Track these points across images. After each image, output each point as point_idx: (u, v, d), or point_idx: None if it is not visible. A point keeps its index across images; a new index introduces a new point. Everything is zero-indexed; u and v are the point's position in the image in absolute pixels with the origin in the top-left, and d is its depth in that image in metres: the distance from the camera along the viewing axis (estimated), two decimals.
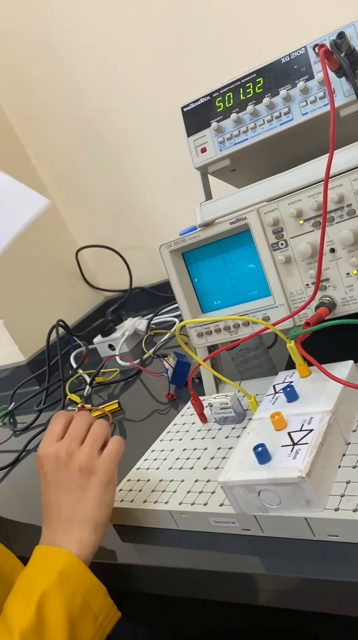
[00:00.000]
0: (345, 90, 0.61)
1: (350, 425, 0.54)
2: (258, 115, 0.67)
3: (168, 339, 1.15)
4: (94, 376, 1.10)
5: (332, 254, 0.62)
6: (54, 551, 0.52)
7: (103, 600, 0.51)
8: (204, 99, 0.70)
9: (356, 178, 0.59)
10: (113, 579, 0.59)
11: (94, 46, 1.28)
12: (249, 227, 0.66)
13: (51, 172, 1.51)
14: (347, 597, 0.44)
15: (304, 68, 0.64)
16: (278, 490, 0.48)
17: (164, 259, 0.74)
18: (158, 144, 1.30)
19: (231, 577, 0.51)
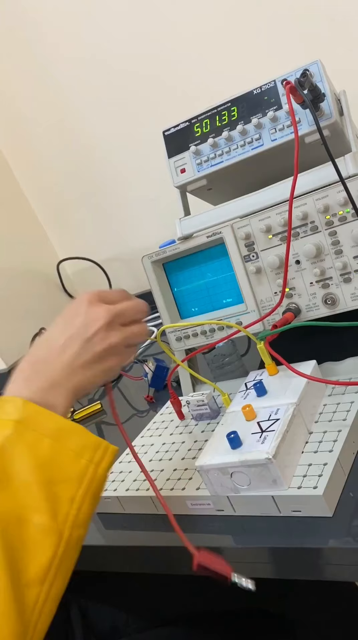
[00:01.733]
0: (309, 120, 0.69)
1: (312, 417, 0.61)
2: (232, 141, 0.74)
3: (148, 346, 1.21)
4: None
5: (297, 265, 0.69)
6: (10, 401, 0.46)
7: (81, 437, 0.46)
8: (184, 124, 0.77)
9: (318, 198, 0.67)
10: (96, 561, 0.64)
11: (79, 64, 1.35)
12: (224, 240, 0.73)
13: (33, 185, 1.56)
14: (309, 562, 0.50)
15: (273, 99, 0.71)
16: (248, 472, 0.54)
17: (146, 269, 0.80)
18: (139, 161, 1.36)
19: None
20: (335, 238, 0.66)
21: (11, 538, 0.40)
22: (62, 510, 0.43)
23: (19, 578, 0.40)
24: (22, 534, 0.41)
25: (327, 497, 0.51)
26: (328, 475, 0.52)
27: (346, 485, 0.54)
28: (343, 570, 0.49)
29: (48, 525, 0.42)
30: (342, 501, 0.52)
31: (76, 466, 0.45)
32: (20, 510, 0.42)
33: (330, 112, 0.68)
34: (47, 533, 0.42)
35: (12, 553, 0.40)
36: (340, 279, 0.67)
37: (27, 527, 0.41)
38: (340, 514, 0.51)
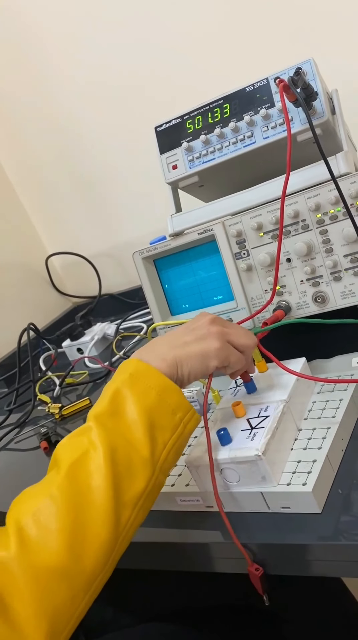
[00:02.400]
0: (301, 118, 0.69)
1: (301, 414, 0.62)
2: (224, 138, 0.74)
3: (138, 342, 1.21)
4: (65, 377, 1.15)
5: (288, 263, 0.70)
6: (129, 361, 0.56)
7: (179, 397, 0.53)
8: (176, 121, 0.77)
9: (310, 196, 0.67)
10: None
11: (70, 58, 1.34)
12: (215, 237, 0.73)
13: (22, 179, 1.55)
14: (297, 558, 0.51)
15: (266, 97, 0.71)
16: (238, 468, 0.54)
17: (137, 265, 0.80)
18: (131, 157, 1.36)
19: (194, 547, 0.56)
20: (326, 237, 0.67)
21: (120, 461, 0.48)
22: (157, 451, 0.50)
23: (120, 496, 0.47)
24: (128, 460, 0.49)
25: (316, 493, 0.51)
26: (317, 472, 0.52)
27: (334, 482, 0.54)
28: (331, 566, 0.49)
29: (147, 458, 0.49)
30: (330, 498, 0.52)
31: (171, 419, 0.52)
32: (129, 440, 0.49)
33: (322, 111, 0.68)
34: (146, 465, 0.49)
35: (119, 473, 0.47)
36: (330, 277, 0.68)
37: (132, 456, 0.49)
38: (329, 511, 0.51)
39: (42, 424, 1.04)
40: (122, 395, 0.51)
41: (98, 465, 0.47)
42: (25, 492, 0.50)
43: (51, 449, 0.93)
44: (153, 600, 0.77)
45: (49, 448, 0.93)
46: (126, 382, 0.52)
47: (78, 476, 0.47)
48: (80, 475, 0.47)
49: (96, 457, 0.47)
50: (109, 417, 0.50)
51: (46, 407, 1.08)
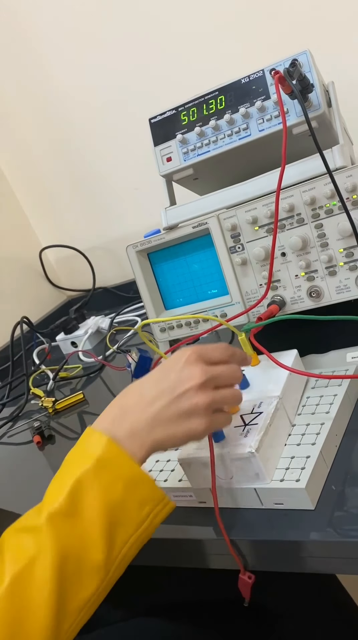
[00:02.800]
0: (297, 110, 0.69)
1: (295, 409, 0.61)
2: (219, 130, 0.73)
3: (132, 336, 1.20)
4: (58, 371, 1.14)
5: (283, 258, 0.69)
6: (96, 436, 0.49)
7: (150, 491, 0.48)
8: (171, 112, 0.76)
9: (305, 190, 0.66)
10: None
11: (63, 50, 1.32)
12: (210, 231, 0.73)
13: (16, 171, 1.53)
14: (290, 554, 0.50)
15: (261, 89, 0.71)
16: (231, 465, 0.54)
17: (130, 259, 0.79)
18: (125, 149, 1.35)
19: (187, 543, 0.56)
20: (321, 231, 0.66)
21: (69, 569, 0.44)
22: (115, 551, 0.46)
23: (64, 607, 0.43)
24: (79, 567, 0.44)
25: (310, 490, 0.51)
26: (310, 468, 0.52)
27: (328, 478, 0.54)
28: (324, 563, 0.49)
29: (101, 563, 0.45)
30: (324, 494, 0.52)
31: (138, 514, 0.47)
32: (82, 545, 0.45)
33: (318, 103, 0.68)
34: (98, 570, 0.45)
35: (65, 582, 0.44)
36: (325, 271, 0.67)
37: (84, 562, 0.45)
38: (322, 507, 0.51)
39: (35, 418, 1.04)
40: (84, 489, 0.46)
41: (43, 579, 0.43)
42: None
43: (44, 444, 0.93)
44: (145, 595, 0.77)
45: (41, 442, 0.93)
46: (90, 472, 0.46)
47: (21, 591, 0.43)
48: (23, 591, 0.43)
49: (43, 568, 0.43)
50: (65, 518, 0.45)
51: (39, 401, 1.07)
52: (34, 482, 0.83)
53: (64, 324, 1.31)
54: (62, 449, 0.89)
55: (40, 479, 0.83)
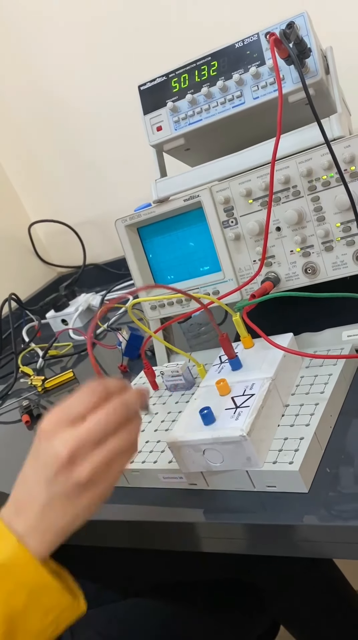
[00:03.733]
0: (293, 77, 0.65)
1: (288, 389, 0.59)
2: (212, 98, 0.69)
3: (122, 314, 1.18)
4: (48, 348, 1.12)
5: (278, 232, 0.66)
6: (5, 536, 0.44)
7: (57, 596, 0.44)
8: (161, 79, 0.73)
9: (302, 161, 0.63)
10: None
11: (50, 21, 1.27)
12: (202, 204, 0.70)
13: (3, 144, 1.49)
14: (283, 538, 0.49)
15: (256, 54, 0.67)
16: (222, 449, 0.52)
17: (119, 234, 0.76)
18: (113, 121, 1.30)
19: (178, 526, 0.55)
20: (318, 204, 0.63)
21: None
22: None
23: None
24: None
25: (303, 472, 0.49)
26: (304, 450, 0.50)
27: (322, 460, 0.52)
28: (317, 547, 0.48)
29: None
30: (318, 477, 0.51)
31: (40, 623, 0.44)
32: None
33: (315, 69, 0.64)
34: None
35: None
36: (321, 247, 0.65)
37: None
38: (316, 490, 0.49)
39: (25, 397, 1.02)
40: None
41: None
42: None
43: (32, 423, 0.91)
44: (135, 575, 0.76)
45: (30, 422, 0.91)
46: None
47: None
48: None
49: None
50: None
51: (29, 379, 1.05)
52: (22, 462, 0.81)
53: (54, 301, 1.29)
54: None
55: None
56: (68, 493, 0.43)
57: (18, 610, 0.42)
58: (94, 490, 0.44)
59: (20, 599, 0.42)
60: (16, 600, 0.42)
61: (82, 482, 0.43)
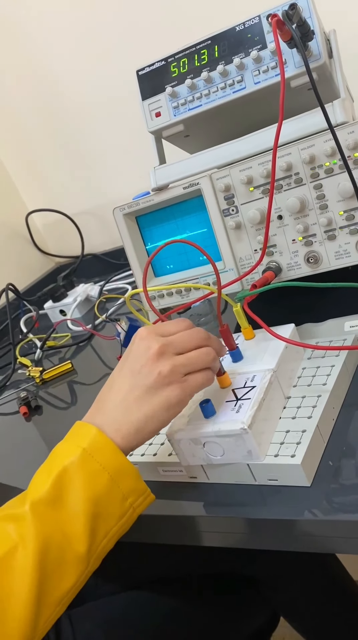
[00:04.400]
0: (296, 61, 0.64)
1: (290, 381, 0.58)
2: (212, 82, 0.68)
3: (121, 304, 1.16)
4: (46, 339, 1.11)
5: (280, 221, 0.65)
6: (85, 427, 0.49)
7: (134, 482, 0.48)
8: (160, 64, 0.71)
9: (304, 147, 0.62)
10: None
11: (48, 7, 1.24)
12: (201, 192, 0.68)
13: (1, 134, 1.47)
14: (285, 533, 0.48)
15: (257, 37, 0.65)
16: (222, 442, 0.51)
17: (117, 223, 0.75)
18: (112, 109, 1.28)
19: (177, 520, 0.54)
20: (321, 192, 0.62)
21: (51, 560, 0.43)
22: (96, 544, 0.45)
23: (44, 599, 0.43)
24: (61, 557, 0.44)
25: (305, 466, 0.48)
26: (306, 443, 0.49)
27: (325, 453, 0.51)
28: (320, 542, 0.47)
29: (83, 554, 0.44)
30: (320, 470, 0.50)
31: (120, 506, 0.47)
32: (64, 536, 0.44)
33: (318, 53, 0.63)
34: (79, 561, 0.44)
35: (47, 574, 0.43)
36: (324, 236, 0.63)
37: (66, 552, 0.44)
38: (319, 484, 0.48)
39: (22, 388, 1.01)
40: (69, 478, 0.46)
41: (24, 568, 0.42)
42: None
43: (30, 414, 0.90)
44: (133, 568, 0.76)
45: (28, 413, 0.90)
46: (76, 462, 0.46)
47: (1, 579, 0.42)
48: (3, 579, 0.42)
49: (24, 556, 0.42)
50: (49, 507, 0.45)
51: (27, 370, 1.04)
52: (20, 454, 0.81)
53: (52, 292, 1.27)
54: (49, 420, 0.87)
55: (27, 451, 0.80)
56: (148, 385, 0.49)
57: (102, 492, 0.46)
58: (169, 391, 0.48)
59: (102, 481, 0.46)
60: (100, 483, 0.46)
61: (163, 375, 0.48)
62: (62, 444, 0.49)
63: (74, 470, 0.46)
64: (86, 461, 0.46)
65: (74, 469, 0.46)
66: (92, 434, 0.48)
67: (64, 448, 0.48)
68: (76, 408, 0.87)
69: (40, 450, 0.79)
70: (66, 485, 0.45)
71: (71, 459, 0.46)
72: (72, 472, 0.46)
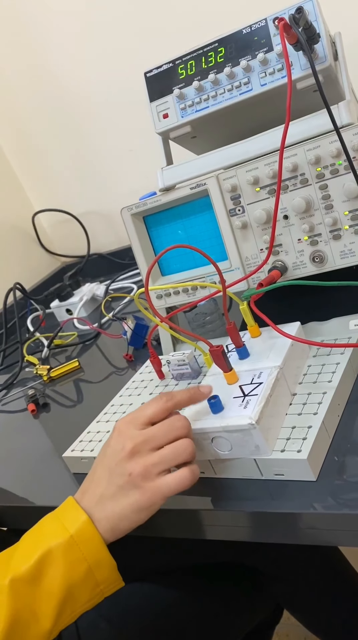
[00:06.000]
0: (302, 63, 0.64)
1: (296, 378, 0.59)
2: (219, 84, 0.69)
3: (127, 303, 1.17)
4: (53, 338, 1.12)
5: (285, 221, 0.66)
6: (76, 510, 0.50)
7: (110, 572, 0.49)
8: (167, 66, 0.72)
9: (310, 148, 0.63)
10: None
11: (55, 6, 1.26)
12: (208, 192, 0.69)
13: (8, 133, 1.48)
14: (291, 526, 0.49)
15: (264, 40, 0.66)
16: (230, 437, 0.52)
17: (125, 222, 0.76)
18: (119, 109, 1.29)
19: (185, 514, 0.55)
20: (326, 192, 0.63)
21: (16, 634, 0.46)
22: (60, 622, 0.48)
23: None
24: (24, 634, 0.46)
25: (311, 461, 0.49)
26: (312, 438, 0.50)
27: (330, 448, 0.52)
28: (325, 535, 0.48)
29: (47, 631, 0.47)
30: (326, 465, 0.51)
31: (91, 592, 0.49)
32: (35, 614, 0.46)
33: (324, 55, 0.63)
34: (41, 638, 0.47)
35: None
36: (329, 235, 0.64)
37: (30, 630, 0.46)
38: (324, 478, 0.49)
39: (30, 386, 1.02)
40: (51, 560, 0.47)
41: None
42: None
43: (38, 412, 0.91)
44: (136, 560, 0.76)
45: (36, 410, 0.91)
46: (61, 547, 0.47)
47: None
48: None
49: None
50: (27, 584, 0.46)
51: (34, 368, 1.05)
52: (28, 450, 0.82)
53: (59, 291, 1.29)
54: (57, 417, 0.88)
55: (35, 447, 0.81)
56: (120, 485, 0.49)
57: (77, 580, 0.47)
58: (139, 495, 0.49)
59: (81, 569, 0.47)
60: (78, 571, 0.47)
61: (134, 477, 0.48)
62: (52, 521, 0.50)
63: (58, 554, 0.47)
64: (70, 548, 0.47)
65: (58, 553, 0.47)
66: (81, 521, 0.49)
67: (54, 527, 0.49)
68: (82, 406, 0.88)
69: (48, 447, 0.80)
70: (46, 566, 0.47)
71: (58, 542, 0.48)
72: (56, 556, 0.47)
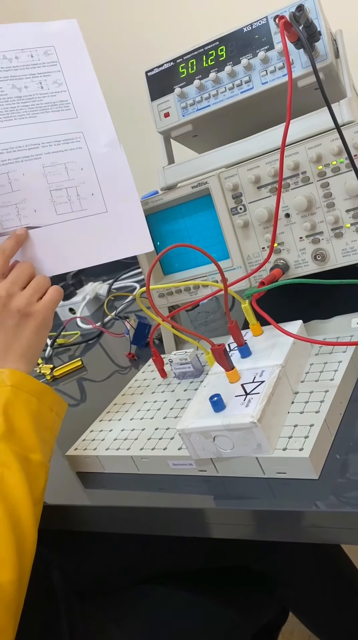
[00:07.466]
0: (303, 61, 0.64)
1: (298, 377, 0.59)
2: (220, 83, 0.69)
3: (130, 302, 1.18)
4: (56, 337, 1.12)
5: (287, 219, 0.66)
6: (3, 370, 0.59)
7: (52, 396, 0.60)
8: (168, 65, 0.72)
9: (311, 146, 0.63)
10: (74, 521, 0.63)
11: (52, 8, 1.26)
12: (210, 191, 0.69)
13: None
14: (293, 524, 0.49)
15: (265, 38, 0.66)
16: (232, 436, 0.52)
17: None
18: (120, 108, 1.29)
19: (187, 512, 0.55)
20: (327, 190, 0.63)
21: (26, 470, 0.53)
22: (46, 449, 0.57)
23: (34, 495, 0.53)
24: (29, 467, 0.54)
25: (313, 459, 0.49)
26: (314, 436, 0.50)
27: (332, 446, 0.52)
28: (327, 533, 0.48)
29: (41, 461, 0.55)
30: (328, 463, 0.51)
31: (50, 417, 0.60)
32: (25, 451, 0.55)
33: (325, 53, 0.64)
34: (42, 466, 0.55)
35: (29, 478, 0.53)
36: (331, 233, 0.64)
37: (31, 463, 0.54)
38: (326, 476, 0.49)
39: None
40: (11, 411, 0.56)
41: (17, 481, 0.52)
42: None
43: None
44: (141, 563, 0.77)
45: None
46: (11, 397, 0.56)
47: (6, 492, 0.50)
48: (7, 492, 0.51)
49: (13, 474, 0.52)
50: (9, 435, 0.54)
51: (37, 367, 1.06)
52: None
53: None
54: None
55: None
56: (16, 321, 0.61)
57: (35, 411, 0.58)
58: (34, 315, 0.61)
59: (33, 403, 0.58)
60: (32, 405, 0.57)
61: (21, 308, 0.60)
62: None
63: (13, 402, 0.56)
64: (17, 394, 0.57)
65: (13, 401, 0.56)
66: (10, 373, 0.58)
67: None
68: (85, 404, 0.88)
69: None
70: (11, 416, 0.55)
71: (7, 397, 0.56)
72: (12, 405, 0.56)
